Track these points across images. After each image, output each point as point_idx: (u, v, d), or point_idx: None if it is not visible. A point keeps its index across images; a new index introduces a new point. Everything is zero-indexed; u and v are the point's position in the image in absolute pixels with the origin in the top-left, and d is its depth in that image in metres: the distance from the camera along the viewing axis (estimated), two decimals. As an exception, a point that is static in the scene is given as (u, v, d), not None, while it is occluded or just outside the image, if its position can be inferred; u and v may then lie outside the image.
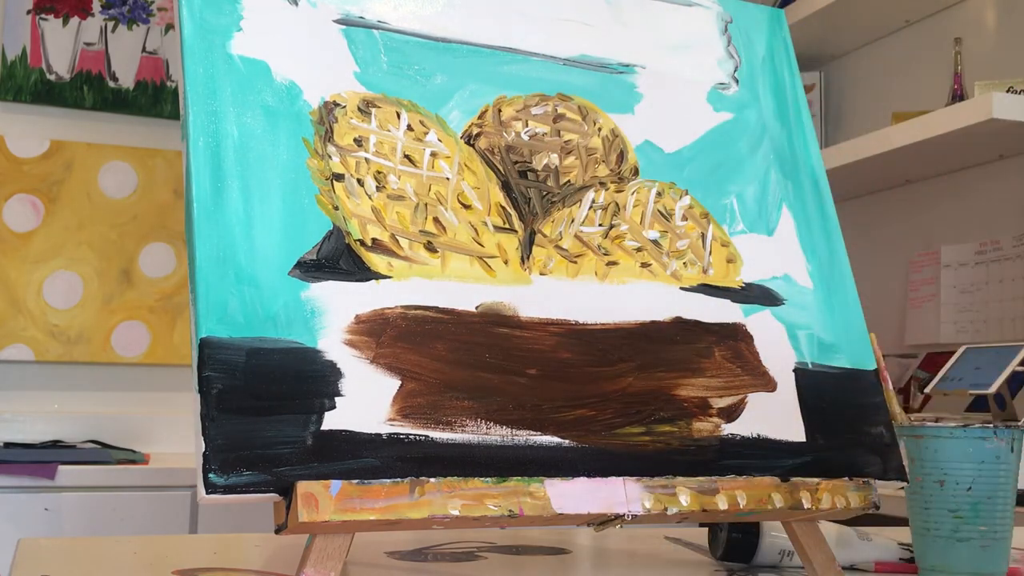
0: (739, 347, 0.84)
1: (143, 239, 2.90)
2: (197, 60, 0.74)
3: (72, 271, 2.84)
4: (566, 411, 0.75)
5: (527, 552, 1.04)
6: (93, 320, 2.84)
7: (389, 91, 0.80)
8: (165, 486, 2.41)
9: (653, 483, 0.75)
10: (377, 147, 0.78)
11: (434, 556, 0.98)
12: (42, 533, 2.28)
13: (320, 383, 0.68)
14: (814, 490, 0.80)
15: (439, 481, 0.69)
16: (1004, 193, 2.60)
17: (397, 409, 0.70)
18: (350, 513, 0.65)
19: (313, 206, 0.73)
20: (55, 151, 2.85)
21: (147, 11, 2.98)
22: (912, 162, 2.66)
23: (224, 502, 0.64)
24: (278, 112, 0.75)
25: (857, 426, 0.86)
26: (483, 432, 0.72)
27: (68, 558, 0.95)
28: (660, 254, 0.85)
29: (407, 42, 0.82)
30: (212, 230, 0.69)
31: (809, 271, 0.90)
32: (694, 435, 0.79)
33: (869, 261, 2.93)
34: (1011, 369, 2.13)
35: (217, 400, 0.65)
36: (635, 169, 0.87)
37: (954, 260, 2.70)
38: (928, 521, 0.89)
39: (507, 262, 0.79)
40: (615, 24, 0.92)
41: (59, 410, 2.82)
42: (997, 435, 0.87)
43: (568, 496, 0.72)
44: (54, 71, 2.88)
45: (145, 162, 2.93)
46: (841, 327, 0.89)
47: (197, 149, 0.71)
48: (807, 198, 0.93)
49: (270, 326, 0.69)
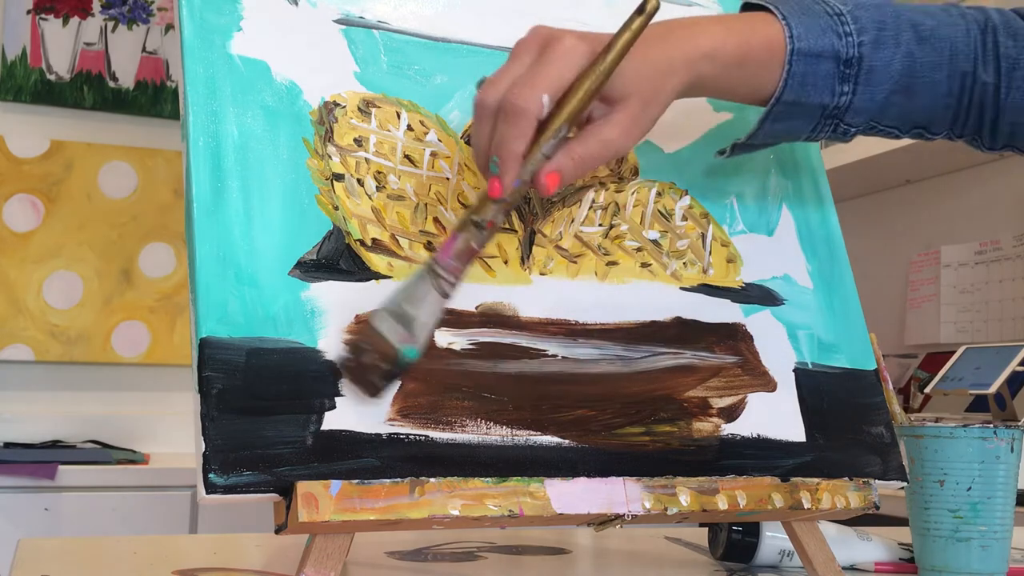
0: (739, 347, 0.84)
1: (143, 239, 2.91)
2: (197, 60, 0.74)
3: (72, 271, 2.84)
4: (566, 411, 0.75)
5: (527, 552, 1.04)
6: (93, 320, 2.84)
7: (389, 91, 0.80)
8: (165, 486, 2.42)
9: (653, 483, 0.75)
10: (377, 147, 0.78)
11: (434, 556, 0.98)
12: (42, 533, 2.28)
13: (320, 383, 0.68)
14: (814, 490, 0.81)
15: (439, 481, 0.69)
16: (1004, 193, 2.60)
17: (397, 409, 0.70)
18: (350, 513, 0.65)
19: (313, 206, 0.74)
20: (55, 151, 2.85)
21: (147, 11, 2.98)
22: (912, 162, 2.66)
23: (224, 502, 0.64)
24: (278, 112, 0.75)
25: (857, 426, 0.86)
26: (483, 432, 0.72)
27: (68, 558, 0.95)
28: (660, 254, 0.85)
29: (407, 42, 0.82)
30: (212, 230, 0.69)
31: (809, 271, 0.90)
32: (694, 435, 0.79)
33: (869, 261, 2.93)
34: (1011, 369, 2.13)
35: (217, 400, 0.65)
36: (635, 169, 0.87)
37: (954, 260, 2.70)
38: (928, 521, 0.89)
39: (507, 262, 0.79)
40: (615, 24, 0.92)
41: (59, 410, 2.82)
42: (997, 435, 0.87)
43: (568, 496, 0.72)
44: (54, 71, 2.89)
45: (145, 162, 2.93)
46: (841, 327, 0.89)
47: (197, 149, 0.71)
48: (807, 198, 0.93)
49: (270, 326, 0.69)
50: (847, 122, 0.83)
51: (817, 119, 0.83)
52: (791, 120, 0.82)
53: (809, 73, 0.80)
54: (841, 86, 0.81)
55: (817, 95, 0.81)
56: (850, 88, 0.81)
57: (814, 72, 0.80)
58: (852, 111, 0.82)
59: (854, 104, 0.82)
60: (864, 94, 0.82)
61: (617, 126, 0.73)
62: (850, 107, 0.82)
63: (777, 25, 0.80)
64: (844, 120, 0.83)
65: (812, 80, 0.80)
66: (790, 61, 0.79)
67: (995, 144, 0.88)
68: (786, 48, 0.79)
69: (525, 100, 0.69)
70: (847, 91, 0.81)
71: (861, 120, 0.83)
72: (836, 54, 0.80)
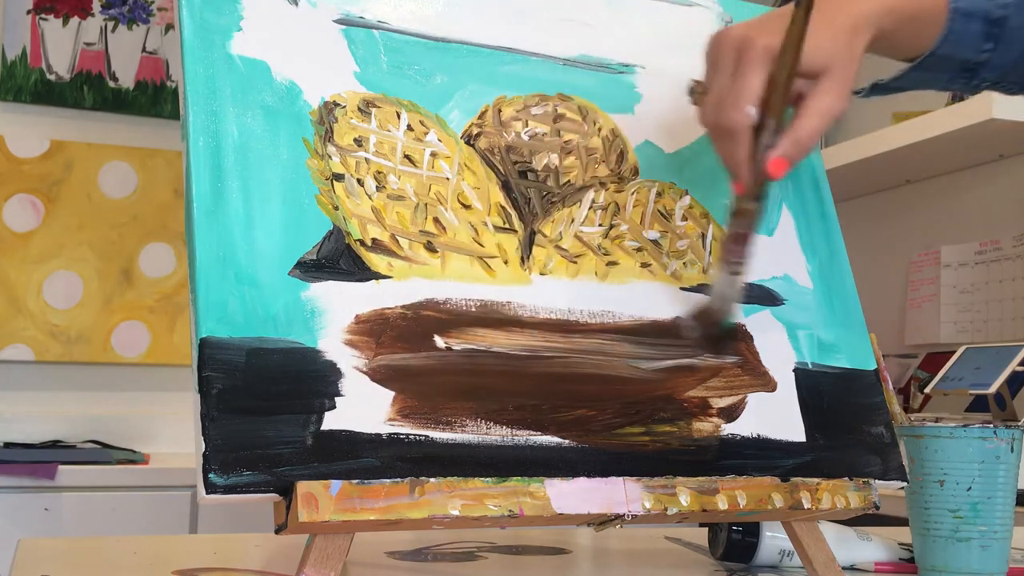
0: (739, 347, 0.84)
1: (143, 239, 2.91)
2: (197, 60, 0.74)
3: (72, 271, 2.84)
4: (566, 411, 0.75)
5: (527, 552, 1.05)
6: (93, 320, 2.84)
7: (389, 91, 0.80)
8: (165, 486, 2.42)
9: (653, 483, 0.75)
10: (377, 147, 0.78)
11: (434, 556, 0.98)
12: (42, 533, 2.28)
13: (320, 383, 0.68)
14: (814, 490, 0.81)
15: (439, 481, 0.69)
16: (1004, 193, 2.60)
17: (397, 409, 0.70)
18: (350, 513, 0.65)
19: (313, 206, 0.74)
20: (55, 151, 2.85)
21: (147, 11, 2.98)
22: (912, 162, 2.66)
23: (224, 502, 0.64)
24: (278, 112, 0.75)
25: (857, 426, 0.86)
26: (483, 432, 0.72)
27: (68, 558, 0.95)
28: (660, 254, 0.85)
29: (407, 42, 0.82)
30: (212, 230, 0.69)
31: (809, 271, 0.90)
32: (694, 435, 0.79)
33: (869, 261, 2.93)
34: (1011, 369, 2.13)
35: (217, 400, 0.65)
36: (635, 169, 0.87)
37: (954, 260, 2.70)
38: (928, 521, 0.89)
39: (507, 262, 0.79)
40: (615, 24, 0.92)
41: (59, 410, 2.82)
42: (997, 435, 0.87)
43: (568, 496, 0.72)
44: (54, 71, 2.89)
45: (145, 162, 2.93)
46: (841, 327, 0.89)
47: (197, 149, 0.71)
48: (807, 198, 0.93)
49: (270, 326, 0.69)
50: (981, 76, 0.91)
51: (956, 72, 0.90)
52: (935, 71, 0.89)
53: (963, 31, 0.87)
54: (985, 44, 0.88)
55: (965, 51, 0.88)
56: (992, 46, 0.88)
57: (966, 30, 0.87)
58: (989, 67, 0.90)
59: (992, 61, 0.89)
60: (1003, 52, 0.89)
61: (828, 94, 0.78)
62: (988, 64, 0.89)
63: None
64: (979, 75, 0.90)
65: (964, 37, 0.87)
66: (951, 19, 0.86)
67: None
68: (949, 6, 0.86)
69: (733, 120, 0.77)
70: (989, 48, 0.88)
71: (994, 76, 0.91)
72: (987, 14, 0.87)
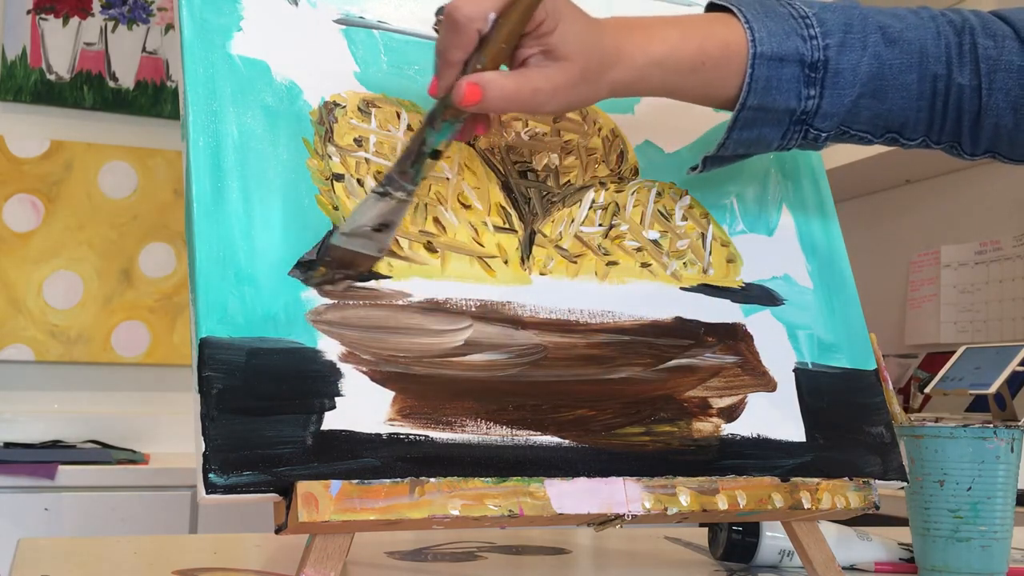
0: (739, 347, 0.84)
1: (143, 239, 2.90)
2: (197, 60, 0.74)
3: (72, 271, 2.84)
4: (566, 411, 0.75)
5: (527, 552, 1.04)
6: (93, 320, 2.84)
7: (389, 91, 0.80)
8: (165, 486, 2.41)
9: (653, 483, 0.75)
10: (377, 147, 0.78)
11: (434, 556, 0.98)
12: (42, 533, 2.28)
13: (320, 383, 0.68)
14: (814, 490, 0.81)
15: (439, 481, 0.69)
16: (1004, 193, 2.60)
17: (397, 409, 0.70)
18: (350, 513, 0.65)
19: (313, 206, 0.74)
20: (55, 151, 2.85)
21: (147, 11, 2.98)
22: (912, 162, 2.66)
23: (224, 502, 0.64)
24: (278, 112, 0.75)
25: (857, 426, 0.86)
26: (483, 432, 0.72)
27: (68, 558, 0.95)
28: (660, 254, 0.85)
29: (407, 42, 0.82)
30: (212, 230, 0.69)
31: (809, 271, 0.90)
32: (694, 435, 0.79)
33: (869, 261, 2.93)
34: (1011, 369, 2.13)
35: (217, 400, 0.65)
36: (635, 169, 0.87)
37: (954, 260, 2.70)
38: (928, 521, 0.89)
39: (507, 262, 0.79)
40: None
41: (59, 410, 2.82)
42: (997, 435, 0.87)
43: (568, 496, 0.72)
44: (54, 71, 2.88)
45: (145, 162, 2.93)
46: (841, 327, 0.89)
47: (197, 149, 0.71)
48: (807, 198, 0.93)
49: (270, 326, 0.69)
50: (816, 127, 0.82)
51: (786, 125, 0.82)
52: (759, 127, 0.82)
53: (773, 77, 0.80)
54: (807, 90, 0.81)
55: (783, 99, 0.80)
56: (816, 92, 0.81)
57: (778, 76, 0.80)
58: (820, 116, 0.82)
59: (822, 108, 0.81)
60: (831, 98, 0.81)
61: (549, 81, 0.73)
62: (818, 111, 0.82)
63: (739, 28, 0.80)
64: (813, 125, 0.82)
65: (776, 84, 0.80)
66: (752, 65, 0.79)
67: (976, 150, 0.86)
68: (748, 52, 0.79)
69: (469, 12, 0.71)
70: (814, 95, 0.81)
71: (831, 125, 0.83)
72: (801, 57, 0.80)
